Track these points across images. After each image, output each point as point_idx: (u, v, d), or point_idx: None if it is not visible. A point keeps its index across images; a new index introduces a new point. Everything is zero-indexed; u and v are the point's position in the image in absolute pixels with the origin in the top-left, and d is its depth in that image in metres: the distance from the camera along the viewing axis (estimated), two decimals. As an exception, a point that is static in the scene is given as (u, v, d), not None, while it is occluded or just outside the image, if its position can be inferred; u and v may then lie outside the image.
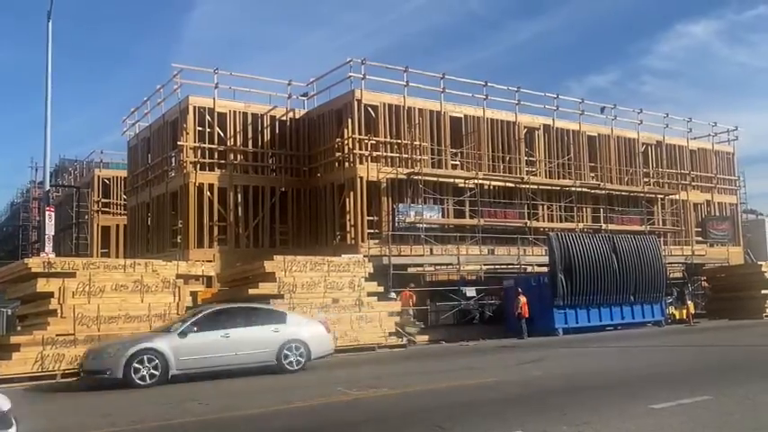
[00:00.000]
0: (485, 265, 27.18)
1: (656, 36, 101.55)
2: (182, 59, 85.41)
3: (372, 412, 9.06)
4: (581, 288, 24.55)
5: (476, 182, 28.28)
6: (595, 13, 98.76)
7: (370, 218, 26.49)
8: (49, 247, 20.36)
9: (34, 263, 15.82)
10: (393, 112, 27.42)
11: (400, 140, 27.26)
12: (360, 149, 26.49)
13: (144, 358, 12.38)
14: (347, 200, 26.24)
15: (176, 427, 8.37)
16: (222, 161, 27.70)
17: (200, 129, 27.41)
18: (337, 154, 27.80)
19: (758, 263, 33.13)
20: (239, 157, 28.24)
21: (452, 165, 29.19)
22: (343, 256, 20.98)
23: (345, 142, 26.99)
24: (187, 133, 27.04)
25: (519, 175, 30.03)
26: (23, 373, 13.84)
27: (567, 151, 32.10)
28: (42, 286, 14.92)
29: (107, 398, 11.46)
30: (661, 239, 31.22)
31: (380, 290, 20.33)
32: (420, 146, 27.57)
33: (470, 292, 26.00)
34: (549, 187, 30.94)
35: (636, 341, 20.19)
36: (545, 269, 26.28)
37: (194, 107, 27.33)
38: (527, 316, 23.39)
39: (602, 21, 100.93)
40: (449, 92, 29.16)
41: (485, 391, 10.40)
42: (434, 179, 27.41)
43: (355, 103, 26.64)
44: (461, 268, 26.21)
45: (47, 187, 24.04)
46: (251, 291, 17.83)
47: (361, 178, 26.08)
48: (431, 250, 26.37)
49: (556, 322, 24.05)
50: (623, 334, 23.60)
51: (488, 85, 30.16)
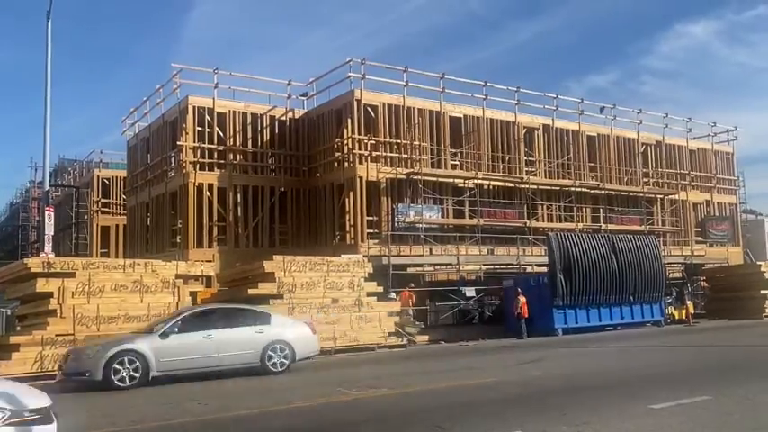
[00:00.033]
0: (484, 265, 27.19)
1: (655, 36, 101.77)
2: (181, 59, 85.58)
3: (372, 412, 9.06)
4: (580, 288, 24.56)
5: (475, 182, 28.29)
6: (595, 13, 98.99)
7: (370, 218, 26.50)
8: (48, 247, 20.35)
9: (34, 263, 15.83)
10: (393, 112, 27.43)
11: (400, 140, 27.27)
12: (359, 149, 26.50)
13: (125, 360, 12.16)
14: (347, 200, 26.25)
15: (176, 427, 8.37)
16: (222, 161, 27.69)
17: (200, 129, 27.40)
18: (337, 154, 27.81)
19: (757, 263, 33.16)
20: (239, 157, 28.23)
21: (452, 165, 29.20)
22: (343, 256, 20.99)
23: (345, 142, 27.00)
24: (186, 133, 27.04)
25: (518, 175, 30.04)
26: (23, 373, 13.78)
27: (567, 151, 32.11)
28: (42, 286, 14.94)
29: (106, 398, 11.45)
30: (660, 239, 31.24)
31: (380, 290, 20.36)
32: (419, 146, 27.58)
33: (470, 292, 26.02)
34: (549, 187, 30.96)
35: (635, 341, 20.20)
36: (544, 269, 26.29)
37: (194, 107, 27.32)
38: (526, 316, 23.40)
39: (601, 21, 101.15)
40: (448, 92, 29.20)
41: (484, 391, 10.41)
42: (434, 179, 27.43)
43: (355, 103, 26.64)
44: (461, 268, 26.22)
45: (46, 187, 24.03)
46: (250, 291, 17.85)
47: (361, 178, 26.09)
48: (430, 250, 26.39)
49: (555, 322, 24.07)
50: (623, 334, 23.62)
51: (488, 85, 30.21)
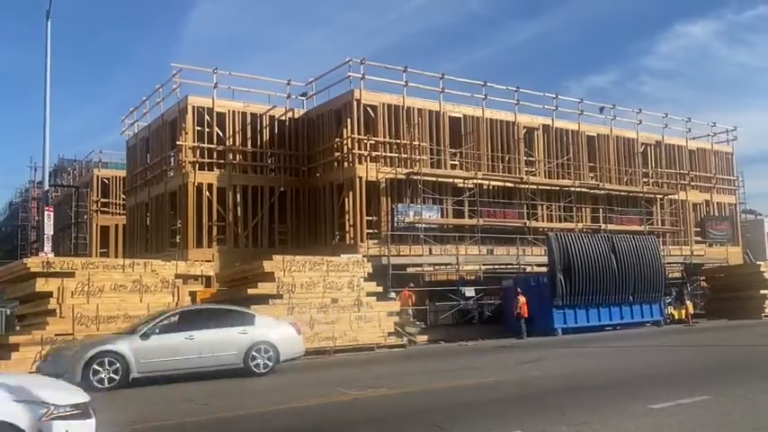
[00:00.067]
0: (484, 265, 27.18)
1: (655, 36, 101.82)
2: (181, 59, 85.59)
3: (371, 412, 9.06)
4: (580, 288, 24.55)
5: (475, 182, 28.29)
6: (595, 13, 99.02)
7: (370, 218, 26.50)
8: (47, 247, 20.35)
9: (33, 263, 15.83)
10: (392, 111, 27.42)
11: (399, 140, 27.26)
12: (359, 149, 26.48)
13: (105, 361, 12.02)
14: (346, 200, 26.24)
15: (175, 427, 8.38)
16: (221, 161, 27.67)
17: (199, 128, 27.38)
18: (336, 154, 27.80)
19: (757, 263, 33.16)
20: (238, 156, 28.21)
21: (451, 165, 29.19)
22: (343, 255, 20.97)
23: (344, 142, 26.99)
24: (186, 133, 27.02)
25: (518, 175, 30.04)
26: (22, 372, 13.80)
27: (567, 151, 32.11)
28: (41, 286, 14.94)
29: (105, 398, 11.43)
30: (660, 239, 31.22)
31: (379, 290, 20.34)
32: (419, 146, 27.56)
33: (469, 292, 25.99)
34: (549, 187, 30.95)
35: (635, 341, 20.20)
36: (544, 269, 26.27)
37: (193, 107, 27.30)
38: (526, 316, 23.38)
39: (601, 21, 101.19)
40: (448, 92, 29.20)
41: (484, 391, 10.40)
42: (433, 179, 27.42)
43: (354, 103, 26.63)
44: (460, 268, 26.20)
45: (46, 187, 24.00)
46: (250, 291, 17.85)
47: (361, 178, 26.08)
48: (430, 250, 26.39)
49: (555, 322, 24.05)
50: (622, 334, 23.60)
51: (487, 85, 30.20)
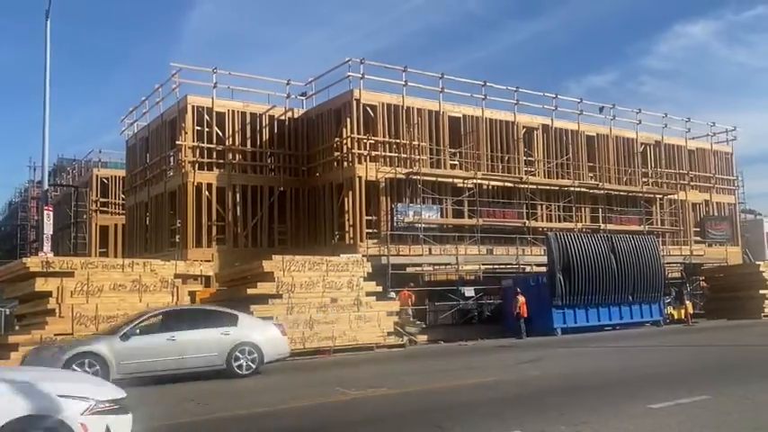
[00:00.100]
0: (483, 264, 27.19)
1: (654, 36, 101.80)
2: (181, 59, 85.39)
3: (371, 412, 9.07)
4: (579, 288, 24.55)
5: (474, 182, 28.28)
6: (594, 13, 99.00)
7: (369, 217, 26.49)
8: (47, 247, 20.32)
9: (32, 262, 15.81)
10: (392, 111, 27.41)
11: (399, 140, 27.26)
12: (358, 149, 26.48)
13: (84, 362, 11.82)
14: (346, 199, 26.23)
15: (175, 427, 8.37)
16: (221, 161, 27.66)
17: (199, 128, 27.36)
18: (336, 153, 27.80)
19: (756, 263, 33.16)
20: (238, 156, 28.20)
21: (451, 164, 29.18)
22: (342, 255, 20.96)
23: (344, 142, 26.98)
24: (185, 133, 27.01)
25: (518, 175, 30.04)
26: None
27: (566, 151, 32.11)
28: (40, 286, 14.92)
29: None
30: (659, 239, 31.21)
31: (379, 289, 20.33)
32: (419, 146, 27.56)
33: (469, 291, 26.01)
34: (548, 187, 30.95)
35: (634, 341, 20.20)
36: (544, 269, 26.27)
37: (193, 106, 27.28)
38: (525, 316, 23.37)
39: (600, 21, 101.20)
40: (447, 92, 29.18)
41: (483, 390, 10.40)
42: (433, 179, 27.42)
43: (354, 103, 26.62)
44: (460, 268, 26.21)
45: (45, 187, 23.97)
46: (249, 290, 17.84)
47: (360, 178, 26.07)
48: (429, 250, 26.39)
49: (554, 322, 24.04)
50: (621, 334, 23.60)
51: (487, 84, 30.19)
